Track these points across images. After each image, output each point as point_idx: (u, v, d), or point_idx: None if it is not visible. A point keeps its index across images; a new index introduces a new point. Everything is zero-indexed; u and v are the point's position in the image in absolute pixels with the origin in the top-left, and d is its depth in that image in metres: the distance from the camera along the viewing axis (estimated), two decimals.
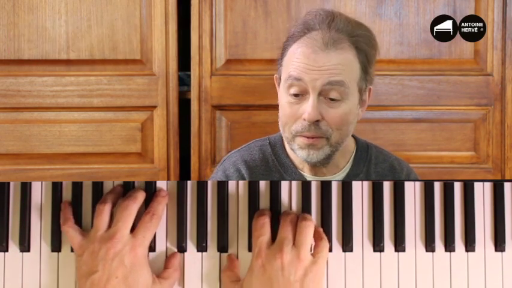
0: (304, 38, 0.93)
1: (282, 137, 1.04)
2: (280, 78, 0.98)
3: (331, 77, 0.90)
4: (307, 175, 1.00)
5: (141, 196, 0.83)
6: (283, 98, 0.95)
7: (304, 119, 0.92)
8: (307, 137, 0.93)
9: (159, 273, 0.84)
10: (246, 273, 0.83)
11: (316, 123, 0.92)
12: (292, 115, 0.94)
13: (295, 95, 0.93)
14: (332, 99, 0.92)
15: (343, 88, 0.91)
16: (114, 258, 0.78)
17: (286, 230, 0.82)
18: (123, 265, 0.78)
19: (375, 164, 1.03)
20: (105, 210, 0.81)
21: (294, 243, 0.81)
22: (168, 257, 0.86)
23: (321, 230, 0.85)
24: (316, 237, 0.84)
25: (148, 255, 0.85)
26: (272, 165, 1.01)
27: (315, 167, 0.99)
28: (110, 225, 0.81)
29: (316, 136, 0.93)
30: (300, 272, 0.79)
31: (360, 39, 0.92)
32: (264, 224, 0.83)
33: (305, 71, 0.90)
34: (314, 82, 0.90)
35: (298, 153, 0.96)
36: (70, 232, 0.82)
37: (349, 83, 0.92)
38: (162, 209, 0.85)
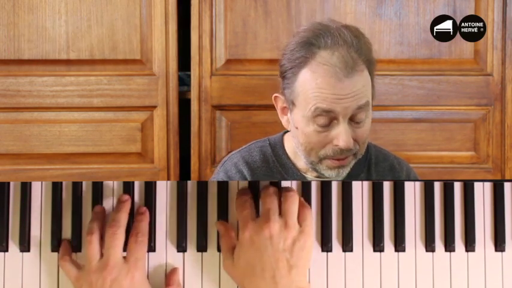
0: (317, 62, 0.88)
1: (282, 138, 1.04)
2: (292, 103, 0.93)
3: (359, 101, 0.88)
4: (310, 177, 1.00)
5: (123, 218, 0.84)
6: (308, 126, 0.91)
7: (337, 145, 0.89)
8: (338, 160, 0.92)
9: None
10: (235, 248, 0.83)
11: None
12: (321, 141, 0.91)
13: (324, 123, 0.90)
14: (359, 120, 0.90)
15: (368, 107, 0.90)
16: (112, 286, 0.79)
17: (269, 202, 0.83)
18: None
19: (375, 164, 1.03)
20: (94, 240, 0.83)
21: (279, 213, 0.82)
22: (168, 274, 0.87)
23: (302, 198, 0.86)
24: (299, 205, 0.84)
25: (147, 274, 0.86)
26: (273, 166, 1.01)
27: None
28: (102, 252, 0.83)
29: (347, 157, 0.92)
30: (289, 241, 0.80)
31: (365, 49, 0.90)
32: (247, 200, 0.85)
33: (335, 102, 0.87)
34: (345, 110, 0.88)
35: (325, 173, 0.94)
36: (66, 266, 0.84)
37: (370, 100, 0.91)
38: (145, 225, 0.86)
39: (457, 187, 0.90)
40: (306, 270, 0.82)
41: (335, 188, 0.90)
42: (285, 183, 0.89)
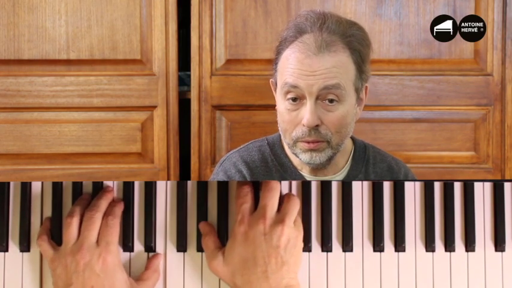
0: (297, 42, 0.92)
1: (280, 137, 1.04)
2: (276, 84, 0.98)
3: (327, 81, 0.89)
4: (307, 175, 1.00)
5: (103, 204, 0.85)
6: (281, 104, 0.94)
7: (303, 125, 0.91)
8: (308, 142, 0.93)
9: (138, 275, 0.86)
10: (228, 241, 0.84)
11: (315, 128, 0.91)
12: (291, 121, 0.93)
13: (293, 100, 0.92)
14: (330, 102, 0.91)
15: (339, 91, 0.91)
16: (85, 269, 0.79)
17: (268, 197, 0.84)
18: (95, 274, 0.80)
19: (373, 164, 1.03)
20: (73, 223, 0.83)
21: (277, 210, 0.84)
22: (150, 258, 0.87)
23: None
24: None
25: (120, 259, 0.85)
26: (272, 165, 1.02)
27: (316, 167, 0.99)
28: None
29: (316, 141, 0.93)
30: (283, 238, 0.81)
31: (353, 39, 0.92)
32: (248, 192, 0.86)
33: (300, 77, 0.90)
34: (310, 88, 0.90)
35: (301, 157, 0.95)
36: (43, 246, 0.85)
37: (346, 85, 0.91)
38: (118, 209, 0.86)
39: (457, 187, 0.90)
40: (297, 269, 0.83)
41: (335, 188, 0.90)
42: (284, 183, 0.89)
